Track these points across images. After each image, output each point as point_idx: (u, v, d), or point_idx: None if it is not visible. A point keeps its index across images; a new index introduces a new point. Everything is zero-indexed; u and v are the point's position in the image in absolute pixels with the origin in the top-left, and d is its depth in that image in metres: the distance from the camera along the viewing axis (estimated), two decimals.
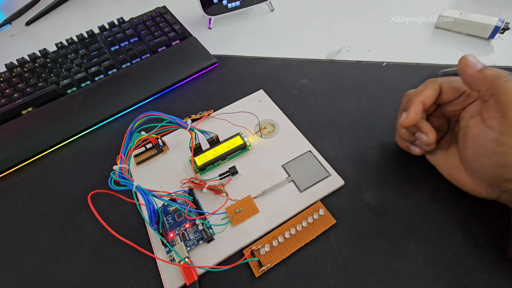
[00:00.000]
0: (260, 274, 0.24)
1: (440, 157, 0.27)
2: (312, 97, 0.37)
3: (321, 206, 0.27)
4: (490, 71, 0.21)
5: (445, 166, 0.26)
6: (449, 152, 0.26)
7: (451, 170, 0.26)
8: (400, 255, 0.24)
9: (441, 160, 0.27)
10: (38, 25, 0.58)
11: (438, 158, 0.27)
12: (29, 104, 0.38)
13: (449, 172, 0.26)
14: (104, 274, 0.26)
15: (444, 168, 0.26)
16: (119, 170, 0.25)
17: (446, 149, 0.27)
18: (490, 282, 0.22)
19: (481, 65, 0.22)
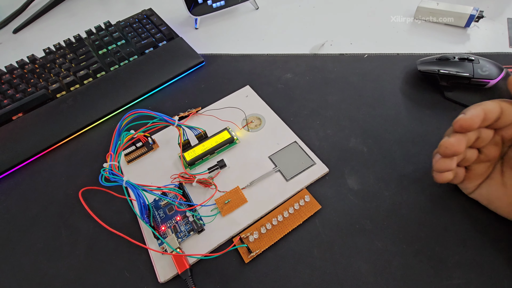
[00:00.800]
0: (249, 260, 0.25)
1: (497, 189, 0.24)
2: (297, 90, 0.38)
3: (306, 193, 0.28)
4: None
5: (505, 197, 0.23)
6: (506, 182, 0.23)
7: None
8: (382, 235, 0.25)
9: (499, 192, 0.24)
10: (26, 33, 0.59)
11: (495, 191, 0.24)
12: (19, 109, 0.39)
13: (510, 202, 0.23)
14: (99, 269, 0.27)
15: (505, 199, 0.23)
16: (109, 167, 0.26)
17: (500, 181, 0.24)
18: (466, 255, 0.23)
19: None
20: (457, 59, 0.33)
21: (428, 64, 0.35)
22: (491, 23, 0.42)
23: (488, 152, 0.24)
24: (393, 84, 0.37)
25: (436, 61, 0.34)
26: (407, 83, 0.36)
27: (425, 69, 0.35)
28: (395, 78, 0.37)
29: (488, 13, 0.42)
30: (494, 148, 0.24)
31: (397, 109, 0.34)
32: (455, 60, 0.33)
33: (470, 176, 0.25)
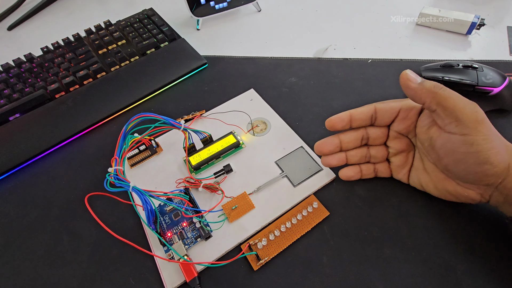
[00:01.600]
0: (258, 267, 0.25)
1: (423, 176, 0.26)
2: (301, 94, 0.38)
3: (314, 199, 0.28)
4: (428, 83, 0.23)
5: (431, 183, 0.26)
6: (427, 168, 0.26)
7: (439, 183, 0.25)
8: (391, 242, 0.25)
9: (425, 179, 0.26)
10: (21, 30, 0.57)
11: (421, 178, 0.27)
12: (16, 110, 0.38)
13: (438, 186, 0.25)
14: (103, 276, 0.26)
15: (432, 185, 0.26)
16: (114, 172, 0.25)
17: (423, 167, 0.26)
18: (475, 263, 0.24)
19: (420, 79, 0.23)
20: (461, 66, 0.34)
21: (432, 71, 0.35)
22: (491, 31, 0.42)
23: (394, 146, 0.28)
24: (397, 89, 0.37)
25: (440, 68, 0.35)
26: None
27: (429, 76, 0.35)
28: (399, 83, 0.37)
29: (489, 21, 0.43)
30: (397, 141, 0.27)
31: None
32: (459, 68, 0.33)
33: (394, 168, 0.28)
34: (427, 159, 0.26)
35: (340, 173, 0.29)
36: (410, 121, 0.26)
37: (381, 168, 0.28)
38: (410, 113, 0.26)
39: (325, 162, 0.28)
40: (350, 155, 0.28)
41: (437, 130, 0.23)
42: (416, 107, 0.26)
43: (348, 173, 0.28)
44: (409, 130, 0.26)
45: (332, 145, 0.28)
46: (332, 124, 0.27)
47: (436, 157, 0.24)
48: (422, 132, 0.25)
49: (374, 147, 0.28)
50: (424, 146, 0.25)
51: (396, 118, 0.26)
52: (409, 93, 0.24)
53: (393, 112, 0.26)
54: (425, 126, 0.25)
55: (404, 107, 0.26)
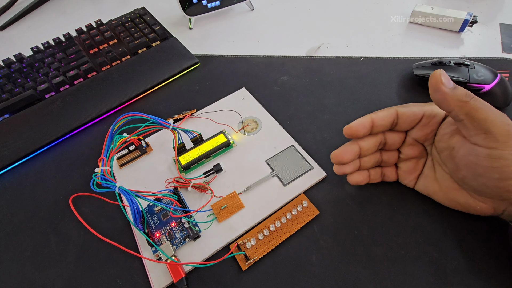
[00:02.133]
0: (247, 267, 0.24)
1: (432, 185, 0.25)
2: (293, 93, 0.38)
3: (304, 198, 0.28)
4: (460, 90, 0.21)
5: (440, 192, 0.25)
6: (438, 177, 0.25)
7: (449, 194, 0.24)
8: (381, 240, 0.25)
9: (435, 188, 0.25)
10: (13, 30, 0.57)
11: (430, 187, 0.25)
12: (5, 110, 0.37)
13: (448, 196, 0.24)
14: (90, 278, 0.26)
15: (441, 194, 0.25)
16: (101, 172, 0.25)
17: (433, 176, 0.25)
18: (465, 261, 0.23)
19: (452, 84, 0.21)
20: (452, 63, 0.33)
21: (424, 68, 0.35)
22: (484, 28, 0.42)
23: (407, 152, 0.26)
24: (390, 87, 0.37)
25: (432, 66, 0.34)
26: (403, 86, 0.36)
27: (421, 73, 0.35)
28: (391, 81, 0.37)
29: (481, 18, 0.43)
30: (411, 148, 0.26)
31: None
32: (451, 65, 0.33)
33: (402, 173, 0.27)
34: (441, 168, 0.25)
35: (349, 178, 0.27)
36: (431, 128, 0.24)
37: (388, 173, 0.27)
38: (432, 121, 0.24)
39: (340, 171, 0.26)
40: (364, 161, 0.26)
41: (460, 140, 0.22)
42: (439, 114, 0.24)
43: (358, 178, 0.26)
44: (427, 137, 0.25)
45: (352, 153, 0.25)
46: (353, 132, 0.24)
47: (454, 167, 0.23)
48: (443, 141, 0.24)
49: (387, 152, 0.27)
50: (442, 155, 0.24)
51: (418, 124, 0.25)
52: (436, 97, 0.21)
53: (415, 118, 0.24)
54: (447, 135, 0.23)
55: (427, 113, 0.24)
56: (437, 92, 0.21)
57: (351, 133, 0.24)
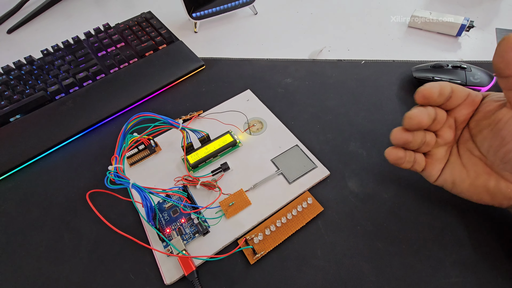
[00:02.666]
0: (254, 261, 0.25)
1: (459, 172, 0.25)
2: (297, 95, 0.39)
3: (309, 196, 0.29)
4: None
5: (468, 179, 0.24)
6: (466, 163, 0.25)
7: (478, 179, 0.24)
8: (383, 236, 0.26)
9: (462, 175, 0.25)
10: (20, 33, 0.58)
11: (457, 174, 0.25)
12: (17, 111, 0.38)
13: (476, 182, 0.24)
14: (103, 272, 0.27)
15: (468, 181, 0.24)
16: (115, 169, 0.26)
17: (460, 162, 0.25)
18: (463, 254, 0.25)
19: None
20: (450, 67, 0.35)
21: (423, 71, 0.36)
22: (480, 32, 0.44)
23: (444, 135, 0.26)
24: (390, 90, 0.38)
25: (431, 69, 0.36)
26: (403, 89, 0.38)
27: (420, 76, 0.36)
28: (392, 84, 0.38)
29: (478, 23, 0.44)
30: (449, 130, 0.26)
31: (394, 114, 0.35)
32: (449, 68, 0.35)
33: (432, 162, 0.26)
34: (470, 153, 0.25)
35: (390, 152, 0.25)
36: (474, 107, 0.24)
37: (419, 159, 0.26)
38: (476, 99, 0.24)
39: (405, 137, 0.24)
40: (416, 136, 0.25)
41: (509, 112, 0.22)
42: (479, 95, 0.25)
43: (399, 153, 0.25)
44: (468, 117, 0.25)
45: (427, 116, 0.24)
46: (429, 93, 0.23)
47: (497, 143, 0.22)
48: (485, 118, 0.23)
49: (429, 133, 0.25)
50: (481, 135, 0.24)
51: (464, 102, 0.24)
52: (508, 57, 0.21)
53: (465, 94, 0.24)
54: (491, 111, 0.23)
55: (472, 93, 0.24)
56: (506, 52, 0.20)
57: (427, 94, 0.24)
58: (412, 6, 0.49)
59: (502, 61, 0.21)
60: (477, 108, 0.25)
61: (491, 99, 0.24)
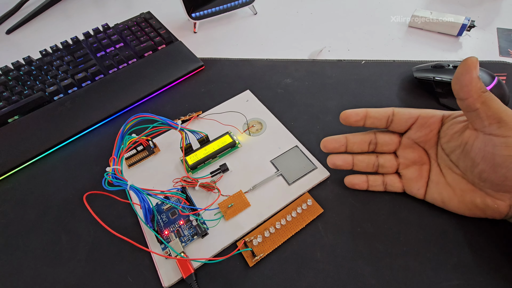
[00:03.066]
0: (254, 263, 0.25)
1: (445, 191, 0.25)
2: (296, 95, 0.39)
3: (308, 197, 0.29)
4: (480, 81, 0.21)
5: (455, 197, 0.25)
6: (450, 181, 0.25)
7: (465, 196, 0.24)
8: (383, 237, 0.26)
9: (449, 193, 0.25)
10: (19, 34, 0.58)
11: (444, 192, 0.25)
12: (15, 112, 0.38)
13: (463, 199, 0.24)
14: (101, 275, 0.26)
15: (456, 200, 0.25)
16: (112, 171, 0.26)
17: (444, 181, 0.25)
18: (464, 257, 0.24)
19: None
20: (451, 66, 0.34)
21: (423, 71, 0.36)
22: (481, 32, 0.44)
23: (405, 155, 0.27)
24: (390, 90, 0.38)
25: (432, 69, 0.35)
26: (404, 89, 0.37)
27: (421, 76, 0.36)
28: (392, 84, 0.38)
29: (479, 23, 0.44)
30: (410, 151, 0.27)
31: None
32: (450, 68, 0.34)
33: (406, 182, 0.27)
34: (451, 172, 0.25)
35: (345, 179, 0.29)
36: (429, 129, 0.25)
37: (390, 182, 0.27)
38: (430, 120, 0.25)
39: (330, 161, 0.28)
40: (357, 160, 0.28)
41: (473, 134, 0.22)
42: (436, 115, 0.25)
43: (353, 180, 0.28)
44: (427, 138, 0.26)
45: (337, 142, 0.28)
46: (346, 116, 0.27)
47: (469, 164, 0.23)
48: (453, 139, 0.24)
49: (383, 156, 0.28)
50: (454, 155, 0.24)
51: (414, 124, 0.26)
52: (463, 80, 0.21)
53: (411, 117, 0.26)
54: (457, 133, 0.24)
55: (424, 114, 0.25)
56: (467, 75, 0.21)
57: (344, 117, 0.27)
58: (412, 6, 0.48)
59: (457, 82, 0.22)
60: (441, 128, 0.25)
61: (455, 120, 0.24)
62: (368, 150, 0.28)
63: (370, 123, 0.27)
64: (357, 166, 0.28)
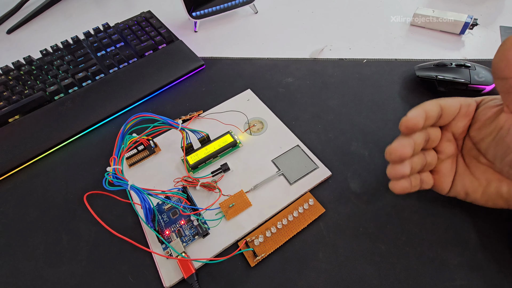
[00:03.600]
0: (255, 263, 0.25)
1: (470, 182, 0.24)
2: (298, 94, 0.38)
3: (310, 197, 0.28)
4: None
5: (480, 187, 0.24)
6: (475, 172, 0.24)
7: (490, 186, 0.23)
8: (385, 237, 0.26)
9: (473, 184, 0.24)
10: (20, 33, 0.58)
11: (468, 184, 0.24)
12: (16, 111, 0.38)
13: (488, 190, 0.23)
14: (102, 274, 0.26)
15: (480, 190, 0.24)
16: (113, 171, 0.25)
17: (469, 172, 0.25)
18: (468, 257, 0.24)
19: None
20: (454, 65, 0.34)
21: (426, 70, 0.36)
22: (484, 30, 0.43)
23: (445, 150, 0.25)
24: (392, 89, 0.37)
25: (434, 67, 0.35)
26: (406, 88, 0.37)
27: (423, 75, 0.35)
28: (394, 83, 0.38)
29: (482, 21, 0.44)
30: (449, 144, 0.25)
31: (397, 114, 0.35)
32: (452, 67, 0.34)
33: (439, 178, 0.25)
34: (477, 161, 0.24)
35: (395, 185, 0.24)
36: (468, 118, 0.24)
37: (426, 179, 0.25)
38: (469, 109, 0.24)
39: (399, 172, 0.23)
40: (415, 164, 0.24)
41: (510, 118, 0.21)
42: (472, 103, 0.24)
43: (404, 184, 0.24)
44: (465, 128, 0.24)
45: (410, 147, 0.23)
46: (413, 123, 0.22)
47: (502, 151, 0.22)
48: (485, 126, 0.23)
49: (429, 152, 0.25)
50: (485, 143, 0.23)
51: (457, 115, 0.24)
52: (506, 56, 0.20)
53: (457, 108, 0.24)
54: (490, 118, 0.23)
55: (463, 102, 0.24)
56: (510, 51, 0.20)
57: (411, 125, 0.22)
58: (414, 4, 0.48)
59: (503, 59, 0.20)
60: (474, 116, 0.24)
61: (487, 105, 0.23)
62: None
63: (427, 124, 0.24)
64: (414, 169, 0.24)
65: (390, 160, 0.23)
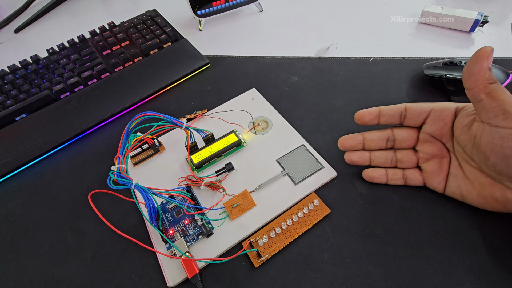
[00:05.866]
0: (259, 264, 0.25)
1: (464, 184, 0.25)
2: (303, 93, 0.38)
3: (315, 197, 0.28)
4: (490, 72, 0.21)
5: (474, 191, 0.24)
6: (469, 175, 0.25)
7: (484, 190, 0.24)
8: (392, 239, 0.25)
9: (467, 187, 0.25)
10: (27, 32, 0.58)
11: (463, 186, 0.25)
12: (23, 110, 0.38)
13: (483, 194, 0.24)
14: (106, 273, 0.26)
15: (475, 193, 0.24)
16: (117, 170, 0.25)
17: (463, 174, 0.25)
18: (477, 260, 0.23)
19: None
20: (463, 64, 0.33)
21: (434, 69, 0.35)
22: (495, 28, 0.42)
23: (425, 150, 0.27)
24: (400, 88, 0.37)
25: (443, 66, 0.34)
26: (414, 87, 0.36)
27: (431, 74, 0.35)
28: (402, 82, 0.37)
29: (492, 18, 0.43)
30: (428, 145, 0.27)
31: None
32: (462, 65, 0.33)
33: (427, 176, 0.27)
34: (469, 165, 0.25)
35: (363, 173, 0.28)
36: (443, 122, 0.25)
37: (411, 175, 0.27)
38: (443, 114, 0.25)
39: (347, 157, 0.29)
40: (374, 156, 0.28)
41: (480, 127, 0.22)
42: (448, 108, 0.25)
43: (371, 173, 0.28)
44: (442, 132, 0.26)
45: (354, 140, 0.28)
46: (360, 116, 0.27)
47: (482, 157, 0.22)
48: (463, 133, 0.24)
49: (401, 151, 0.28)
50: (467, 149, 0.24)
51: (427, 118, 0.26)
52: (473, 69, 0.21)
53: (423, 111, 0.26)
54: (466, 126, 0.24)
55: (436, 107, 0.25)
56: (477, 64, 0.21)
57: (358, 117, 0.27)
58: (422, 1, 0.47)
59: (467, 71, 0.22)
60: (454, 121, 0.25)
61: (465, 113, 0.24)
62: (386, 147, 0.28)
63: (384, 121, 0.27)
64: (374, 161, 0.28)
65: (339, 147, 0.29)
